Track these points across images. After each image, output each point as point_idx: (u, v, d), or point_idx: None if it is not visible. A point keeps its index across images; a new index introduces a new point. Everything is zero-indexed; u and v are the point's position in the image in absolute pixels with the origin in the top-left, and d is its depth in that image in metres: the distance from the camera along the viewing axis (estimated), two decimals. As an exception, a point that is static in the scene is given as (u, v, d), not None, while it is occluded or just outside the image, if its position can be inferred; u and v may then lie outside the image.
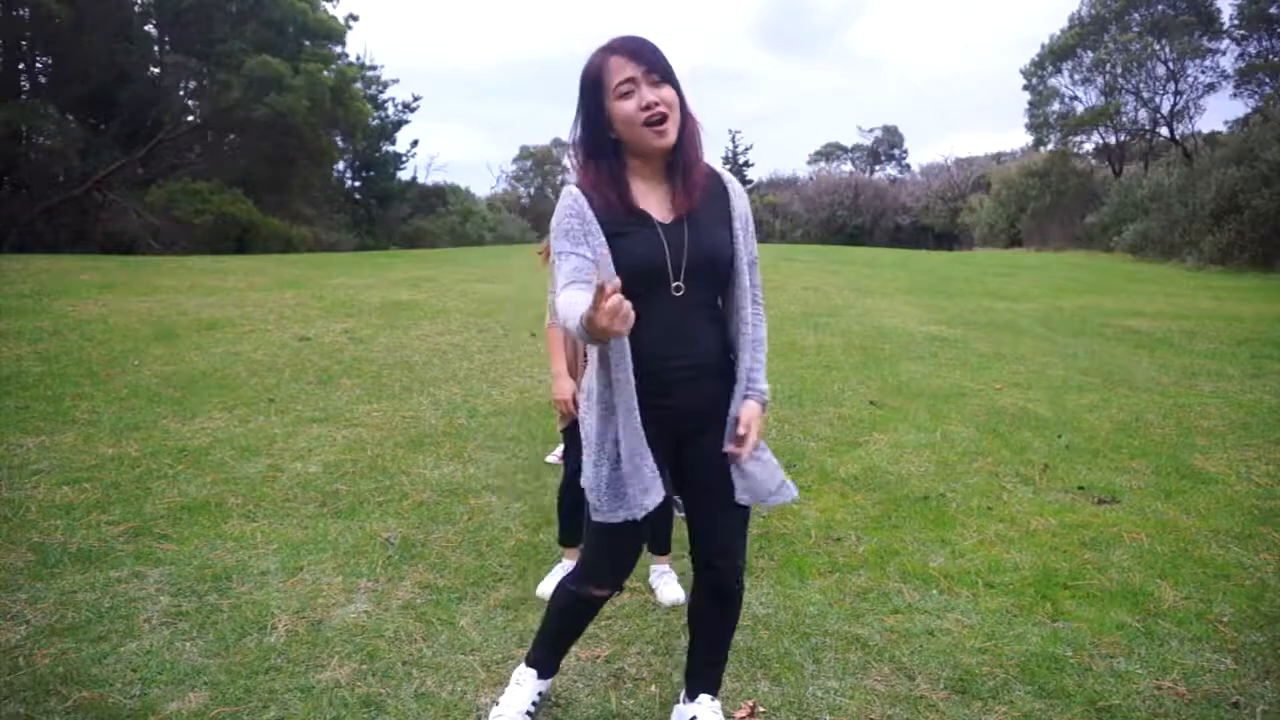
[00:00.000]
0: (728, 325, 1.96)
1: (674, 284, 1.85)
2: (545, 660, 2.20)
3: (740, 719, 2.23)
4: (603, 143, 1.85)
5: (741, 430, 1.91)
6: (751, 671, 2.45)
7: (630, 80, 1.78)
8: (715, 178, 1.95)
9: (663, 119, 1.79)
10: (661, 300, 1.85)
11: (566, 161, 1.94)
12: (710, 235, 1.89)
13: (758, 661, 2.50)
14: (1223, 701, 2.30)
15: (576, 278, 1.79)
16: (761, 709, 2.26)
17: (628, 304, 1.53)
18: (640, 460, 1.86)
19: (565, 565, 2.98)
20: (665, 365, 1.88)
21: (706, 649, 2.14)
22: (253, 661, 2.44)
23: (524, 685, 2.17)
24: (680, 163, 1.87)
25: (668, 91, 1.80)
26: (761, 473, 1.96)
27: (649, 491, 1.87)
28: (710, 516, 2.01)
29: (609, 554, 2.01)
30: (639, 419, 1.85)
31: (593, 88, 1.82)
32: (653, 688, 2.36)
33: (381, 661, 2.46)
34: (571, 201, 1.86)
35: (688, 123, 1.86)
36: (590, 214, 1.83)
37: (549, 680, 2.23)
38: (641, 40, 1.83)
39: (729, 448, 1.92)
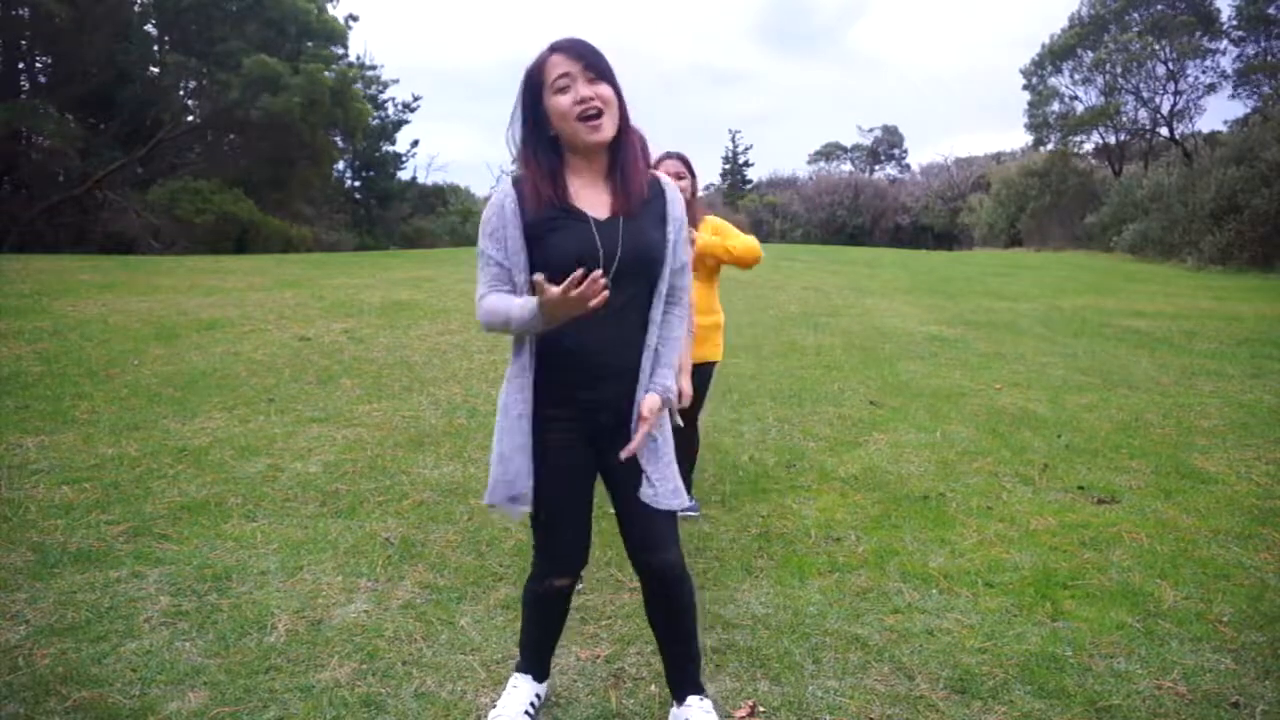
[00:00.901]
0: (646, 326, 1.97)
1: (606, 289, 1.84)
2: (534, 663, 2.22)
3: (740, 718, 2.23)
4: (542, 139, 1.89)
5: (635, 422, 1.93)
6: (751, 671, 2.45)
7: (566, 75, 1.82)
8: (655, 183, 1.99)
9: (598, 114, 1.83)
10: None
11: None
12: (644, 235, 1.92)
13: (758, 661, 2.50)
14: (1223, 701, 2.30)
15: (497, 286, 1.90)
16: (761, 709, 2.26)
17: (602, 282, 1.70)
18: (512, 454, 1.94)
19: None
20: (594, 360, 1.92)
21: (671, 645, 2.13)
22: (253, 661, 2.44)
23: (520, 688, 2.19)
24: (619, 164, 1.91)
25: (604, 89, 1.84)
26: (657, 475, 1.96)
27: (513, 482, 1.93)
28: (630, 512, 2.02)
29: (550, 543, 2.06)
30: (526, 414, 1.92)
31: (532, 83, 1.88)
32: (652, 688, 2.36)
33: (381, 661, 2.46)
34: (499, 199, 1.90)
35: (627, 128, 1.90)
36: (513, 211, 1.88)
37: (545, 683, 2.24)
38: (583, 41, 1.87)
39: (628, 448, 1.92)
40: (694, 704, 2.10)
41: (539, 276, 1.73)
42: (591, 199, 1.91)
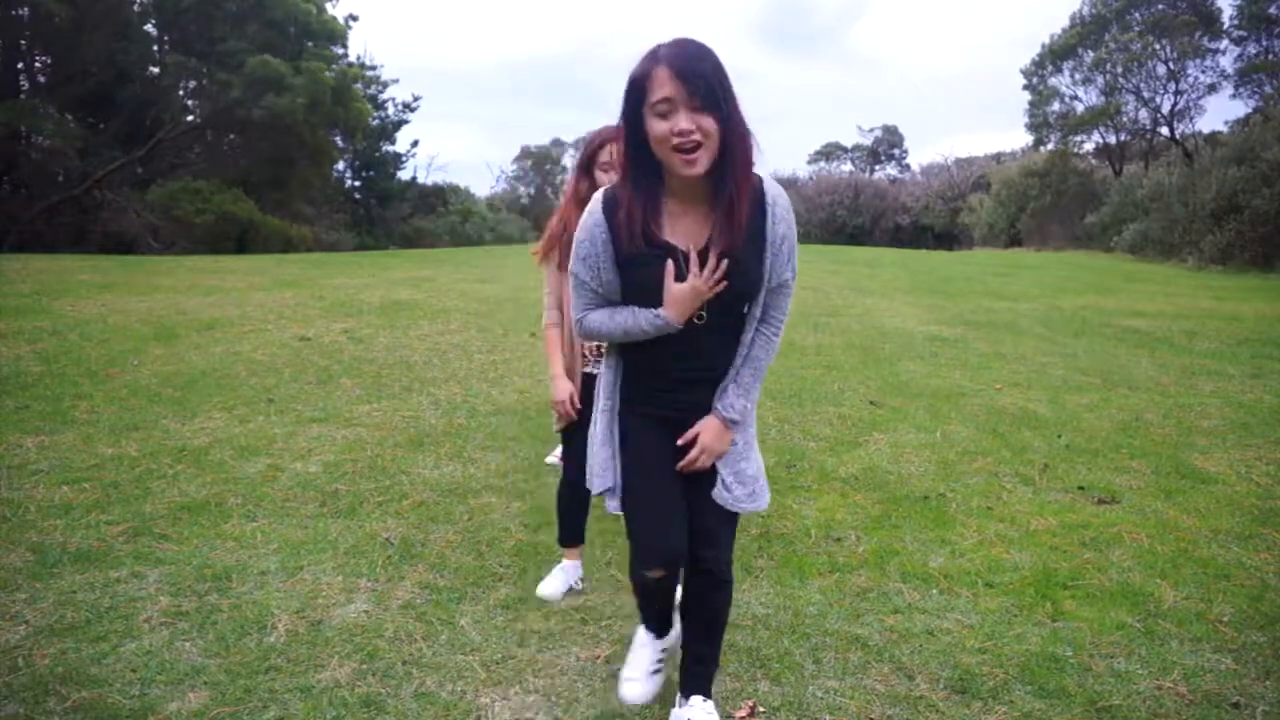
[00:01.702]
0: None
1: (698, 314, 1.85)
2: (654, 622, 2.23)
3: (740, 719, 2.23)
4: (642, 155, 1.77)
5: (685, 440, 1.96)
6: (751, 671, 2.45)
7: (668, 100, 1.68)
8: (758, 201, 1.83)
9: (694, 148, 1.70)
10: (684, 328, 1.87)
11: (566, 161, 1.95)
12: (742, 273, 1.82)
13: (758, 661, 2.50)
14: (1223, 702, 2.30)
15: (594, 304, 1.92)
16: (761, 709, 2.26)
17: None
18: (599, 448, 2.03)
19: (566, 565, 2.98)
20: (672, 370, 1.94)
21: (696, 643, 2.14)
22: (253, 661, 2.44)
23: (646, 646, 2.23)
24: (722, 195, 1.77)
25: (707, 121, 1.69)
26: (732, 478, 2.02)
27: (602, 476, 2.02)
28: (697, 507, 2.03)
29: (636, 532, 2.04)
30: (614, 414, 2.00)
31: (634, 96, 1.74)
32: (653, 688, 2.36)
33: (381, 661, 2.46)
34: (590, 225, 1.84)
35: (735, 152, 1.74)
36: (604, 242, 1.83)
37: (669, 637, 2.27)
38: (693, 57, 1.70)
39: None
40: (697, 704, 2.11)
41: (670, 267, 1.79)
42: (688, 228, 1.82)
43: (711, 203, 1.81)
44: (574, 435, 2.83)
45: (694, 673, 2.15)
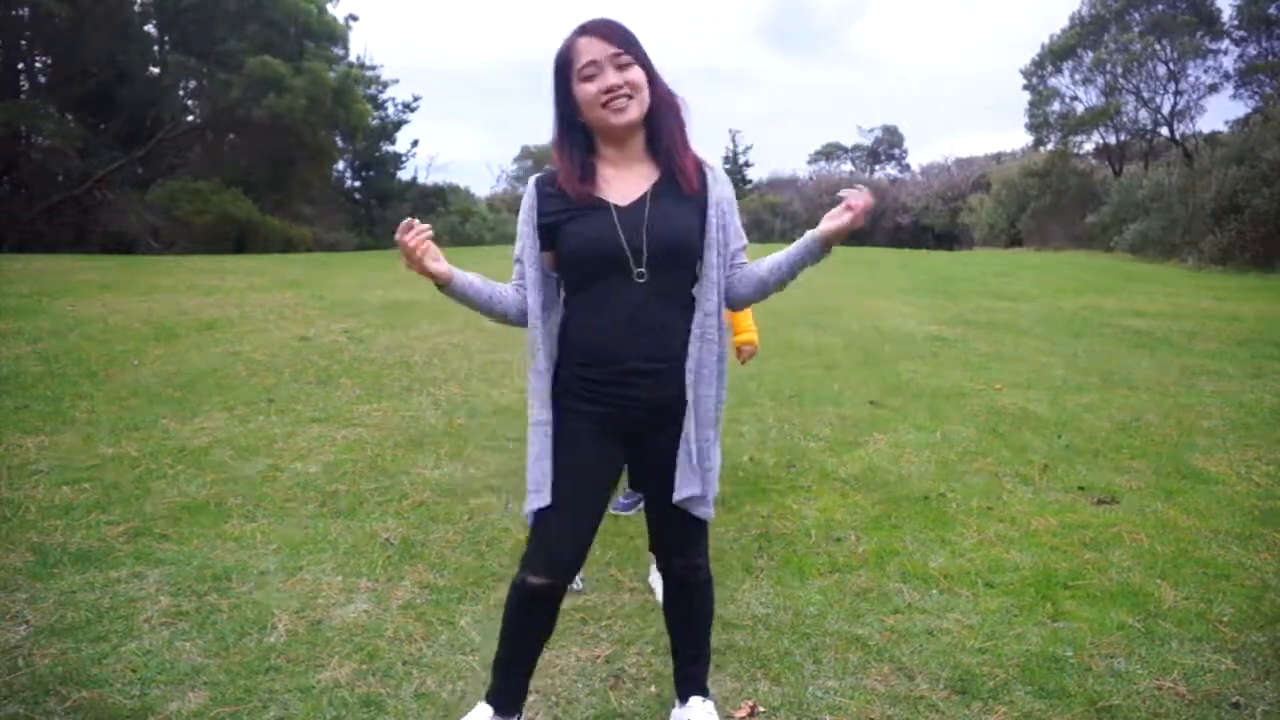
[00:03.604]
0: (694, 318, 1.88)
1: (636, 270, 1.80)
2: (502, 690, 1.98)
3: (740, 719, 2.23)
4: (573, 129, 1.84)
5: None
6: (751, 671, 2.44)
7: (594, 63, 1.77)
8: (696, 161, 1.89)
9: (624, 98, 1.77)
10: (623, 287, 1.81)
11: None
12: (674, 221, 1.82)
13: (758, 661, 2.49)
14: (1223, 702, 2.30)
15: (517, 283, 1.92)
16: (761, 709, 2.26)
17: (417, 228, 1.75)
18: (534, 464, 1.88)
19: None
20: (630, 355, 1.83)
21: (682, 644, 2.12)
22: (253, 661, 2.44)
23: None
24: (658, 141, 1.84)
25: (634, 74, 1.78)
26: (688, 481, 1.88)
27: (539, 493, 1.86)
28: (660, 514, 1.99)
29: (538, 533, 1.92)
30: (548, 416, 1.88)
31: (560, 69, 1.82)
32: (652, 688, 2.36)
33: (381, 661, 2.46)
34: (527, 206, 1.88)
35: (664, 106, 1.83)
36: (530, 207, 1.86)
37: None
38: (611, 23, 1.80)
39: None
40: (696, 705, 2.09)
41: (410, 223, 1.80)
42: (622, 186, 1.84)
43: (651, 164, 1.87)
44: None
45: (688, 674, 2.13)
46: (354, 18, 28.90)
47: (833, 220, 1.80)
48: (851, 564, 3.18)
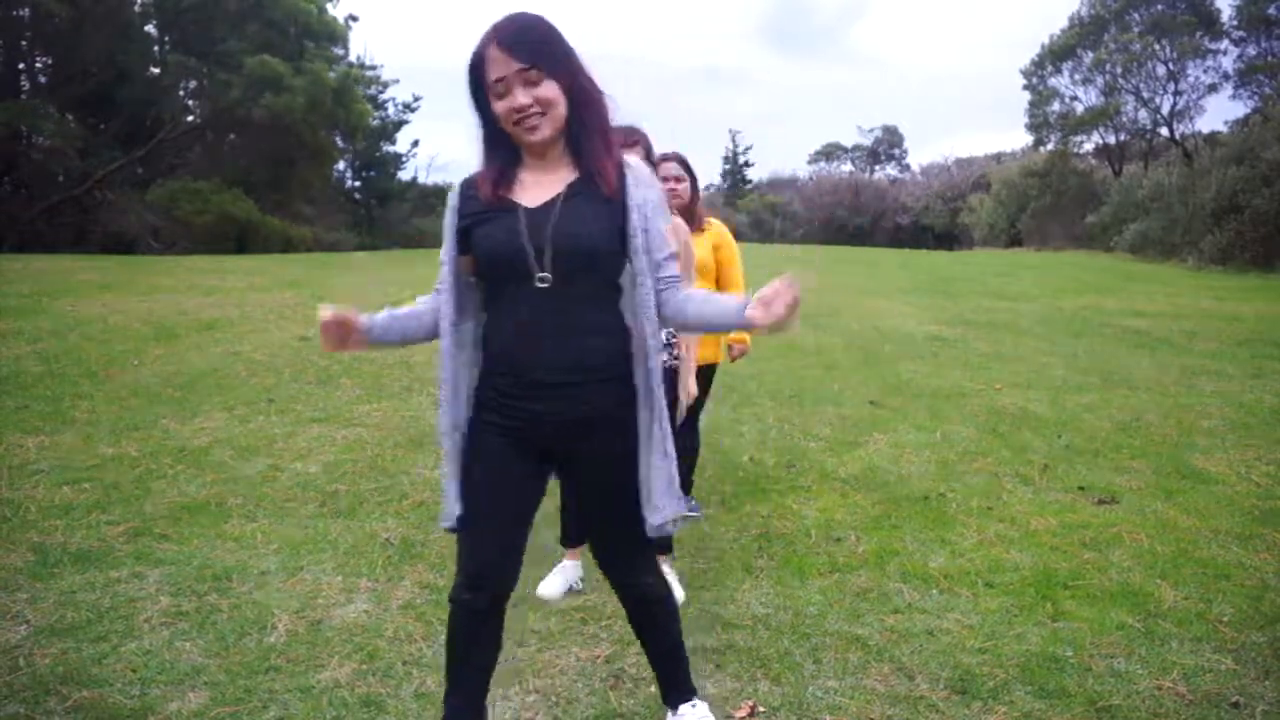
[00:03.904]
0: (622, 330, 1.79)
1: (538, 275, 1.72)
2: (450, 712, 1.93)
3: (740, 719, 2.23)
4: (493, 132, 1.77)
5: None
6: (751, 671, 2.45)
7: (502, 80, 1.68)
8: (618, 163, 1.79)
9: (535, 117, 1.69)
10: (528, 294, 1.74)
11: None
12: (584, 224, 1.72)
13: (758, 661, 2.50)
14: (1223, 702, 2.30)
15: (439, 286, 1.87)
16: (761, 709, 2.26)
17: (328, 320, 1.83)
18: (448, 482, 1.83)
19: (565, 565, 2.98)
20: (534, 365, 1.75)
21: (657, 657, 2.06)
22: (253, 661, 2.44)
23: None
24: (584, 154, 1.76)
25: (544, 90, 1.68)
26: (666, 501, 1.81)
27: (447, 507, 1.82)
28: (602, 530, 1.92)
29: (463, 551, 1.87)
30: (449, 426, 1.82)
31: (474, 79, 1.74)
32: (652, 688, 2.35)
33: (381, 661, 2.46)
34: (448, 211, 1.84)
35: (584, 110, 1.73)
36: (456, 205, 1.81)
37: None
38: (522, 28, 1.69)
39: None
40: (687, 712, 2.04)
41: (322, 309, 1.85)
42: (536, 189, 1.77)
43: (573, 165, 1.79)
44: None
45: (671, 681, 2.06)
46: (354, 18, 28.86)
47: (764, 313, 1.64)
48: (851, 564, 3.18)
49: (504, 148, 1.78)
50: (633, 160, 1.81)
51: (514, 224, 1.73)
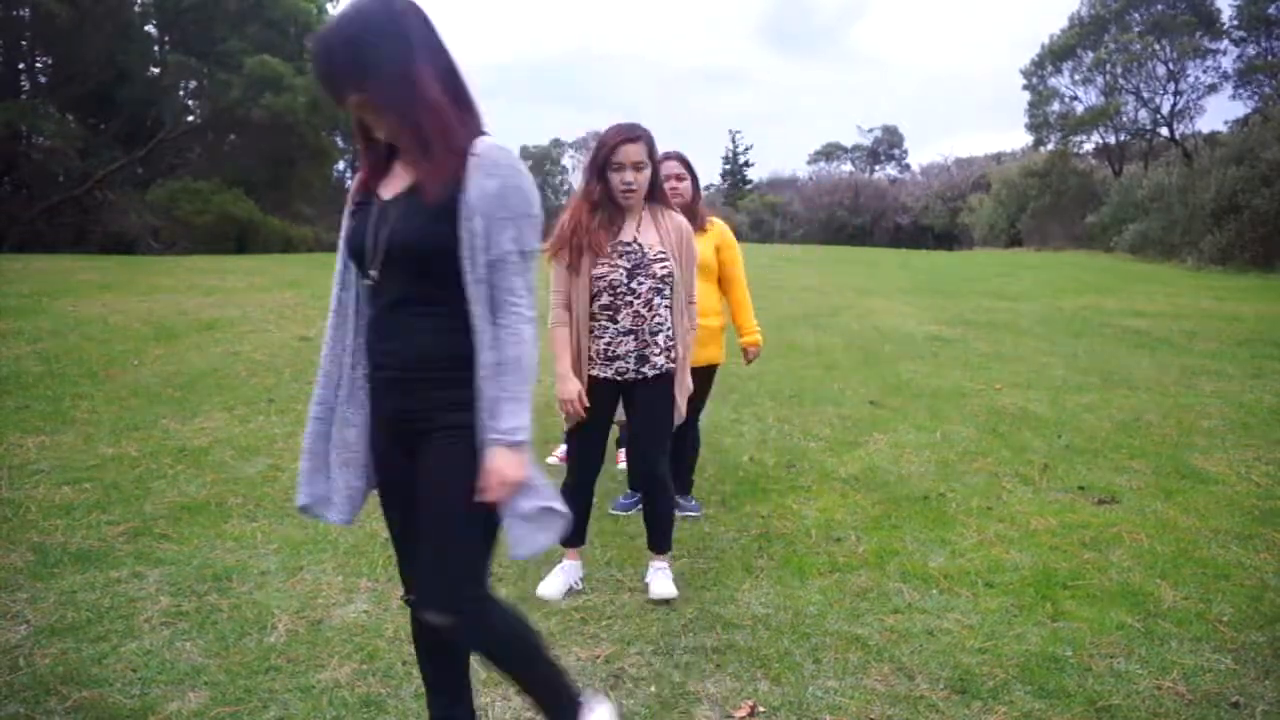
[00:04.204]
0: (461, 333, 1.64)
1: (369, 269, 1.67)
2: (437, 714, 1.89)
3: (740, 719, 2.23)
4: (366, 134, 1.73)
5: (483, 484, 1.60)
6: (751, 671, 2.45)
7: (341, 105, 1.63)
8: (458, 152, 1.62)
9: (369, 127, 1.65)
10: (367, 289, 1.71)
11: (566, 161, 1.83)
12: (409, 220, 1.62)
13: (758, 661, 2.50)
14: (1223, 701, 2.30)
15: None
16: (761, 709, 2.26)
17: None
18: (302, 459, 1.79)
19: (566, 565, 2.98)
20: (374, 361, 1.73)
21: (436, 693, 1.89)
22: (253, 661, 2.44)
23: None
24: (416, 145, 1.62)
25: (368, 111, 1.61)
26: (518, 529, 1.65)
27: (300, 488, 1.79)
28: (409, 540, 1.77)
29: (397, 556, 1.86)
30: (313, 418, 1.77)
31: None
32: (652, 688, 2.36)
33: (381, 661, 2.46)
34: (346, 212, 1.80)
35: (401, 106, 1.58)
36: (351, 196, 1.79)
37: None
38: (322, 55, 1.59)
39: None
40: None
41: None
42: (396, 182, 1.70)
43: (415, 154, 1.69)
44: (582, 435, 2.83)
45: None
46: (354, 18, 28.84)
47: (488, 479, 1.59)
48: (851, 564, 3.19)
49: (382, 145, 1.72)
50: (483, 148, 1.61)
51: (366, 218, 1.70)
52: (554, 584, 2.93)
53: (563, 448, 4.36)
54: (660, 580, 2.91)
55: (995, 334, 8.62)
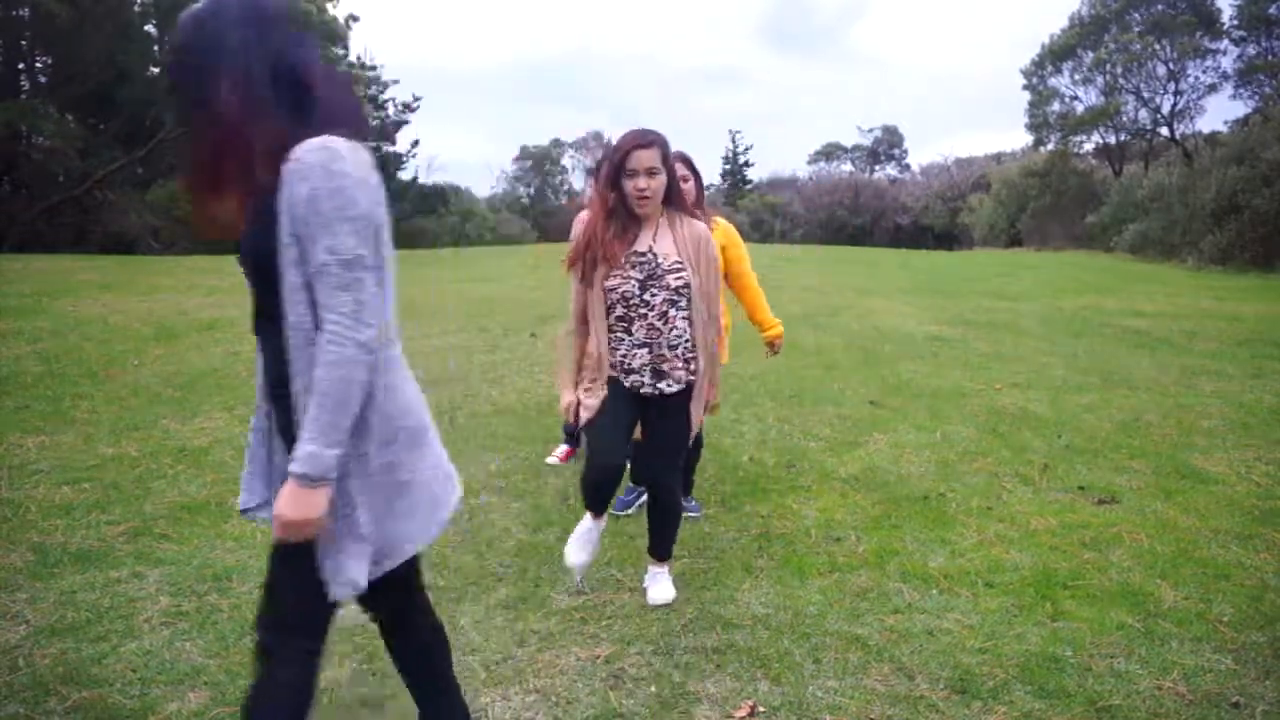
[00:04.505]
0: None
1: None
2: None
3: (740, 719, 2.23)
4: None
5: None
6: (751, 671, 2.45)
7: None
8: (274, 156, 1.48)
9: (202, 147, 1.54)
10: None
11: (566, 161, 1.78)
12: (249, 230, 1.52)
13: (758, 661, 2.50)
14: (1223, 701, 2.30)
15: None
16: (761, 709, 2.26)
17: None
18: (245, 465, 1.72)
19: (587, 524, 2.85)
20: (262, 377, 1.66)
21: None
22: (253, 662, 2.43)
23: None
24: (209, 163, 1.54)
25: (207, 130, 1.51)
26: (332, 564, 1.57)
27: (244, 492, 1.71)
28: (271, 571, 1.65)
29: None
30: (253, 428, 1.71)
31: None
32: (652, 688, 2.36)
33: (381, 661, 2.46)
34: None
35: (224, 119, 1.48)
36: None
37: None
38: (173, 69, 1.58)
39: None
40: None
41: None
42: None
43: None
44: (592, 428, 2.77)
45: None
46: (354, 18, 28.91)
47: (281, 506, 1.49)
48: (851, 564, 3.19)
49: None
50: (301, 151, 1.46)
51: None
52: (578, 543, 2.81)
53: (563, 448, 4.36)
54: (658, 586, 2.89)
55: (995, 334, 8.62)
